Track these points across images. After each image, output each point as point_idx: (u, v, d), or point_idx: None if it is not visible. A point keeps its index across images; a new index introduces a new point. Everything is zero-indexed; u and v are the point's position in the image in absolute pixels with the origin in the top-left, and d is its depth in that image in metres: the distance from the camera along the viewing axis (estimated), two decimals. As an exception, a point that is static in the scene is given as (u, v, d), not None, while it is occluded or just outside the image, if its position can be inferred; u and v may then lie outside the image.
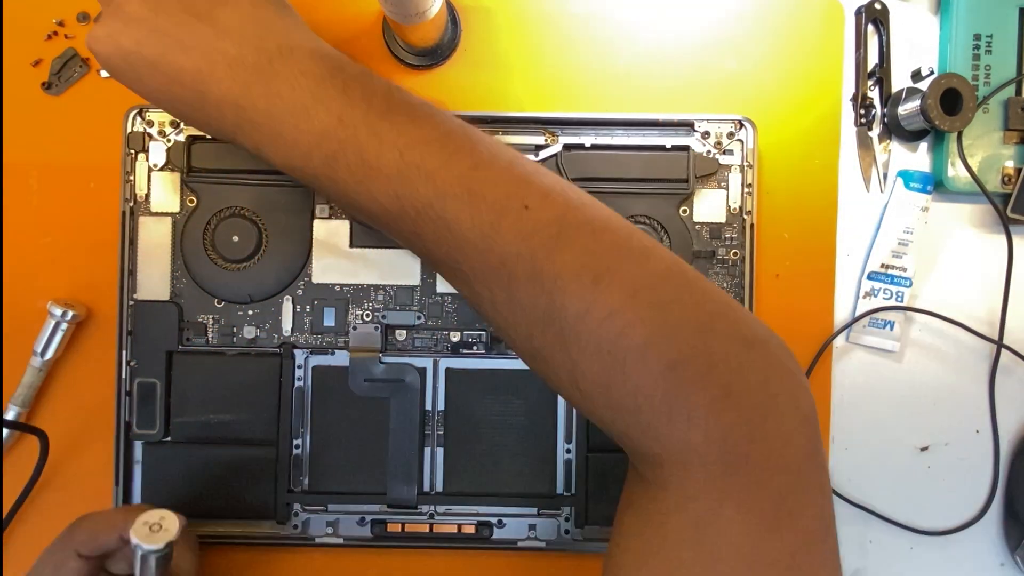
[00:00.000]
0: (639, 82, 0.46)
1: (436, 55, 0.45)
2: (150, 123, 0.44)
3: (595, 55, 0.46)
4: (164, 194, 0.44)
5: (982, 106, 0.45)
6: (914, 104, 0.44)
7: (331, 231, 0.44)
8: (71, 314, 0.43)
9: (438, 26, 0.43)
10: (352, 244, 0.44)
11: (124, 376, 0.43)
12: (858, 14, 0.46)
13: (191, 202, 0.44)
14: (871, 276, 0.46)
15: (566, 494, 0.43)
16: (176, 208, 0.44)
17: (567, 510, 0.43)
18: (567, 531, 0.43)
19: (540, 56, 0.46)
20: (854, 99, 0.46)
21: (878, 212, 0.46)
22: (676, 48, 0.46)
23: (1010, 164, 0.45)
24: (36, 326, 0.44)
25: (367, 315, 0.44)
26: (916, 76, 0.46)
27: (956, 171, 0.45)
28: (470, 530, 0.43)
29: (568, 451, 0.43)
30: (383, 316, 0.44)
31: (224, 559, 0.44)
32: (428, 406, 0.44)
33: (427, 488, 0.44)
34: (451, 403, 0.44)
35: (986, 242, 0.47)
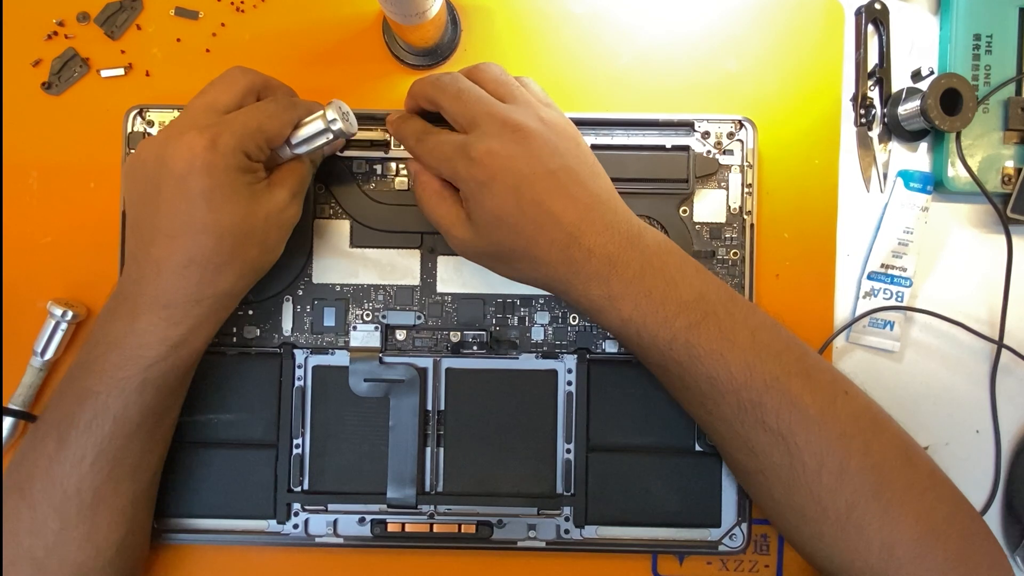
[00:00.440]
0: (639, 82, 0.46)
1: (436, 55, 0.45)
2: (150, 123, 0.43)
3: (595, 55, 0.46)
4: (164, 194, 0.43)
5: (982, 106, 0.45)
6: (914, 104, 0.44)
7: (331, 231, 0.44)
8: (71, 314, 0.43)
9: (438, 26, 0.43)
10: (352, 244, 0.44)
11: (124, 376, 0.43)
12: (858, 14, 0.46)
13: (191, 202, 0.44)
14: (871, 276, 0.46)
15: (566, 494, 0.43)
16: (176, 208, 0.44)
17: (567, 510, 0.43)
18: (567, 531, 0.43)
19: (540, 56, 0.46)
20: (854, 99, 0.46)
21: (878, 212, 0.46)
22: (676, 48, 0.46)
23: (1010, 164, 0.45)
24: (36, 326, 0.44)
25: (367, 315, 0.44)
26: (916, 76, 0.46)
27: (956, 171, 0.45)
28: (470, 530, 0.43)
29: (568, 451, 0.43)
30: (383, 316, 0.44)
31: (224, 559, 0.44)
32: (428, 406, 0.44)
33: (427, 488, 0.43)
34: (451, 403, 0.44)
35: (986, 242, 0.47)
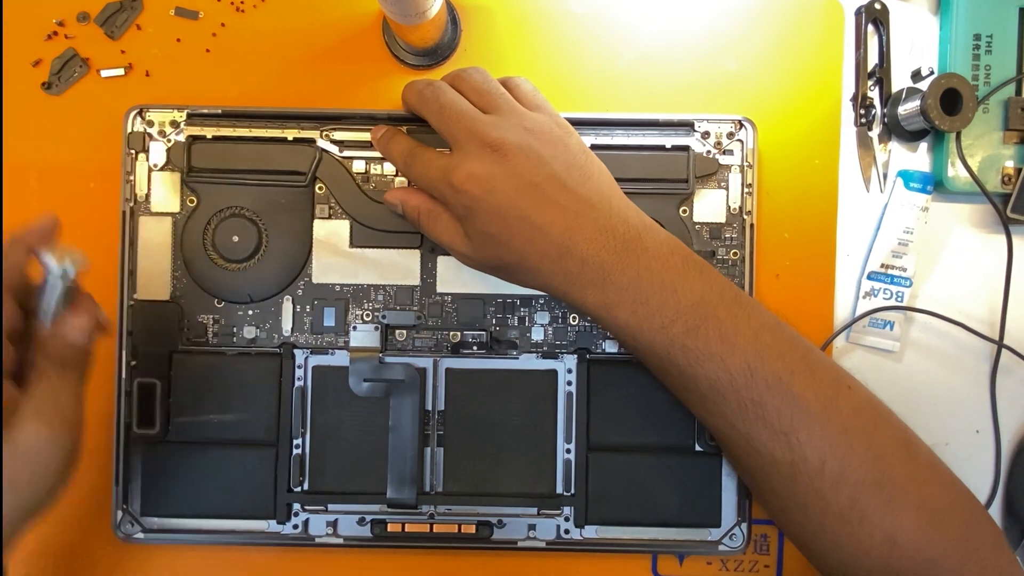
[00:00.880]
0: (639, 82, 0.46)
1: (436, 55, 0.45)
2: (150, 123, 0.44)
3: (595, 55, 0.46)
4: (164, 194, 0.44)
5: (982, 106, 0.45)
6: (914, 104, 0.44)
7: (331, 231, 0.44)
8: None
9: (438, 26, 0.43)
10: (352, 244, 0.44)
11: (124, 376, 0.43)
12: (858, 14, 0.46)
13: (191, 202, 0.44)
14: (871, 276, 0.46)
15: (566, 494, 0.43)
16: (176, 208, 0.44)
17: (567, 510, 0.43)
18: (567, 531, 0.43)
19: (540, 56, 0.46)
20: (854, 99, 0.46)
21: (878, 212, 0.46)
22: (676, 48, 0.46)
23: (1010, 164, 0.45)
24: (36, 326, 0.44)
25: (367, 315, 0.44)
26: (916, 76, 0.46)
27: (956, 171, 0.45)
28: (470, 530, 0.43)
29: (568, 451, 0.43)
30: (383, 316, 0.44)
31: (224, 559, 0.44)
32: (428, 406, 0.44)
33: (427, 488, 0.43)
34: (451, 403, 0.44)
35: (986, 242, 0.47)
